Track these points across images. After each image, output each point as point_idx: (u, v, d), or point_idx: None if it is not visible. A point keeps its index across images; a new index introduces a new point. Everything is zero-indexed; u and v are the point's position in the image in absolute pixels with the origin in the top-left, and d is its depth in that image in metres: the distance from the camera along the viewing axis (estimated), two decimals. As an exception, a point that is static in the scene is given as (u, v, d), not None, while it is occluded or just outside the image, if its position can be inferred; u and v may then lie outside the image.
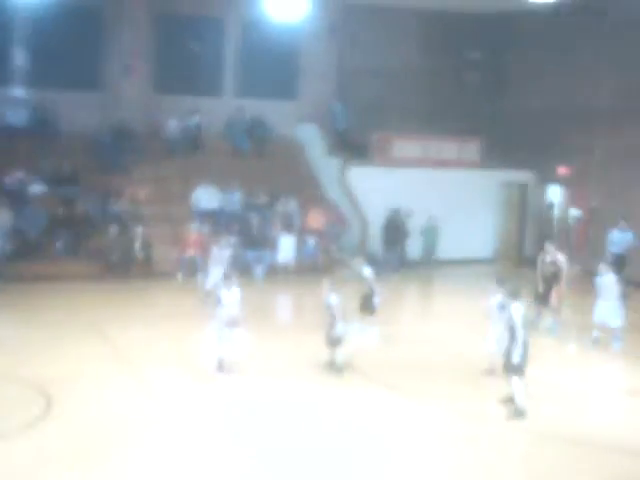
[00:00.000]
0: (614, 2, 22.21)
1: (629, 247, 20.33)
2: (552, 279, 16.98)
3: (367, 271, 15.93)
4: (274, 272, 21.20)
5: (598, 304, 15.80)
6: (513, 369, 12.03)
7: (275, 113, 25.06)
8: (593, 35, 23.54)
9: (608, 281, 15.74)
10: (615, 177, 22.95)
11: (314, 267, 21.41)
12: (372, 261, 17.05)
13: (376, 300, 15.75)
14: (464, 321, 16.57)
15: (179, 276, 20.09)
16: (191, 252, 19.91)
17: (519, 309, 12.01)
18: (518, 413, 12.12)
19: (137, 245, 20.49)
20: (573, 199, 24.34)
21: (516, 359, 11.93)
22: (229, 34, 25.66)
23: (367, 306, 15.81)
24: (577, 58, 24.18)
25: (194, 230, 20.45)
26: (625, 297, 18.73)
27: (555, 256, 17.02)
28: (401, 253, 23.30)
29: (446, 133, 25.21)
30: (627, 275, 19.30)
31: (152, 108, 24.14)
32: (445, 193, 24.13)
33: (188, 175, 22.71)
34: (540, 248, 17.96)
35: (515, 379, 12.07)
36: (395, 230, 23.25)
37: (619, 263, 19.62)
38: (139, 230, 20.65)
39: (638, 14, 21.57)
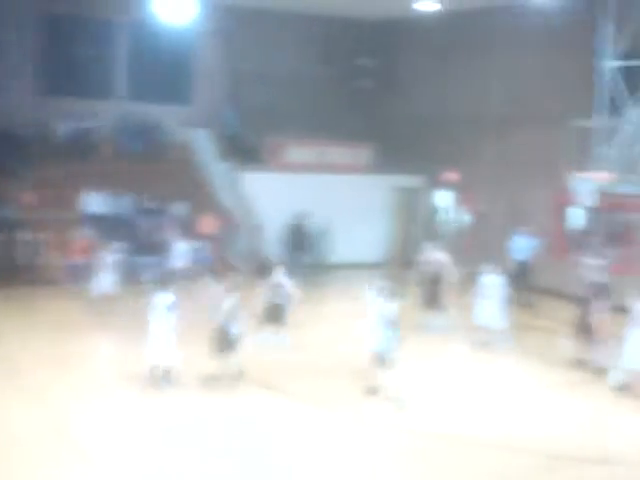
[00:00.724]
0: (501, 12, 22.85)
1: (533, 254, 20.15)
2: (436, 280, 17.41)
3: (285, 280, 15.83)
4: (167, 277, 20.90)
5: (480, 305, 16.20)
6: (383, 363, 12.76)
7: (168, 117, 24.86)
8: (481, 43, 24.17)
9: (490, 282, 16.14)
10: (502, 181, 23.59)
11: (207, 273, 21.23)
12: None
13: (288, 310, 15.74)
14: (350, 323, 16.67)
15: (68, 283, 19.62)
16: (79, 258, 19.50)
17: (391, 307, 12.89)
18: (399, 405, 12.64)
19: (22, 251, 19.99)
20: (462, 203, 24.90)
21: (386, 354, 12.74)
22: (121, 36, 25.27)
23: (279, 316, 15.74)
24: (466, 65, 24.77)
25: (83, 235, 20.03)
26: (531, 306, 19.46)
27: (437, 257, 17.47)
28: (306, 258, 23.34)
29: (339, 139, 25.41)
30: (531, 283, 19.95)
31: (42, 111, 23.57)
32: (337, 198, 24.31)
33: (78, 179, 22.26)
34: (427, 251, 18.35)
35: (386, 373, 12.78)
36: (301, 235, 23.28)
37: (523, 271, 19.94)
38: (25, 236, 20.14)
39: (521, 24, 22.23)
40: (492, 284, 16.12)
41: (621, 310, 14.52)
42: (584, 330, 15.07)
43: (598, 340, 14.88)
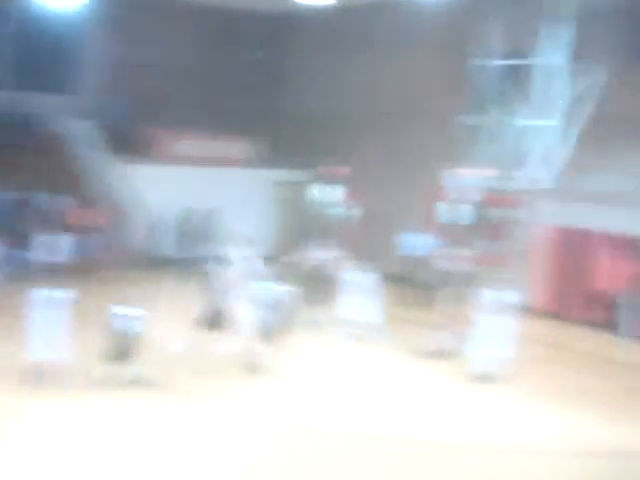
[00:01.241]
0: (390, 9, 22.98)
1: (427, 250, 20.24)
2: (322, 276, 17.42)
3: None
4: (45, 271, 20.29)
5: (347, 301, 16.28)
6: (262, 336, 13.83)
7: (49, 107, 24.13)
8: (369, 39, 24.30)
9: (358, 278, 16.28)
10: (388, 177, 23.78)
11: (90, 266, 20.74)
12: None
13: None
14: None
15: None
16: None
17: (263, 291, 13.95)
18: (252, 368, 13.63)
19: None
20: (348, 198, 25.01)
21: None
22: (3, 21, 24.36)
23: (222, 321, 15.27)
24: (353, 61, 24.82)
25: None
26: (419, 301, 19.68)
27: (324, 254, 17.48)
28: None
29: (228, 132, 25.18)
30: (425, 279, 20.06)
31: None
32: (223, 191, 24.07)
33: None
34: (311, 246, 18.37)
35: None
36: (193, 229, 23.13)
37: (417, 266, 20.14)
38: None
39: (408, 22, 22.42)
40: (363, 280, 16.24)
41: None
42: (446, 319, 15.42)
43: (457, 328, 15.20)
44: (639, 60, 18.73)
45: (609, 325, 18.60)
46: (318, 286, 17.64)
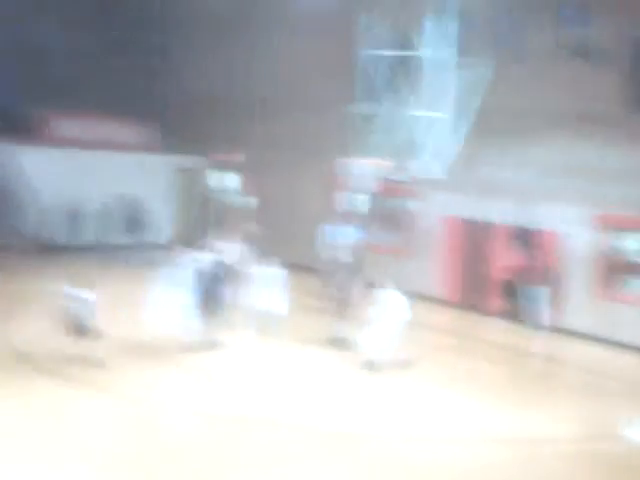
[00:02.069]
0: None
1: (354, 243, 19.83)
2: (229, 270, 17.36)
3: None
4: None
5: (257, 292, 16.44)
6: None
7: None
8: (256, 27, 24.22)
9: (267, 271, 16.40)
10: (282, 165, 23.79)
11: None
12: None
13: None
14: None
15: None
16: None
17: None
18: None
19: None
20: (247, 186, 24.92)
21: None
22: None
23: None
24: (242, 48, 24.71)
25: None
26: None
27: (227, 246, 17.42)
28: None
29: (119, 115, 24.73)
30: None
31: None
32: (118, 176, 23.69)
33: None
34: (212, 234, 18.23)
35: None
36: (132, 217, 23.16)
37: (331, 258, 19.61)
38: None
39: (293, 8, 22.51)
40: (267, 272, 16.38)
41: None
42: (339, 308, 15.80)
43: (350, 317, 15.63)
44: (523, 55, 19.29)
45: (510, 314, 19.07)
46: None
